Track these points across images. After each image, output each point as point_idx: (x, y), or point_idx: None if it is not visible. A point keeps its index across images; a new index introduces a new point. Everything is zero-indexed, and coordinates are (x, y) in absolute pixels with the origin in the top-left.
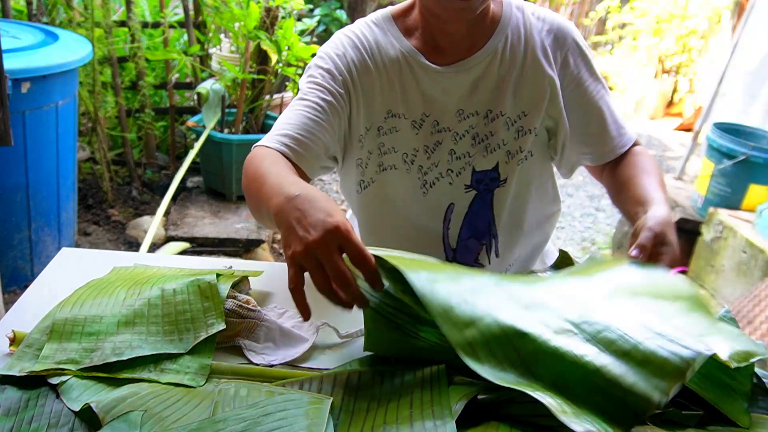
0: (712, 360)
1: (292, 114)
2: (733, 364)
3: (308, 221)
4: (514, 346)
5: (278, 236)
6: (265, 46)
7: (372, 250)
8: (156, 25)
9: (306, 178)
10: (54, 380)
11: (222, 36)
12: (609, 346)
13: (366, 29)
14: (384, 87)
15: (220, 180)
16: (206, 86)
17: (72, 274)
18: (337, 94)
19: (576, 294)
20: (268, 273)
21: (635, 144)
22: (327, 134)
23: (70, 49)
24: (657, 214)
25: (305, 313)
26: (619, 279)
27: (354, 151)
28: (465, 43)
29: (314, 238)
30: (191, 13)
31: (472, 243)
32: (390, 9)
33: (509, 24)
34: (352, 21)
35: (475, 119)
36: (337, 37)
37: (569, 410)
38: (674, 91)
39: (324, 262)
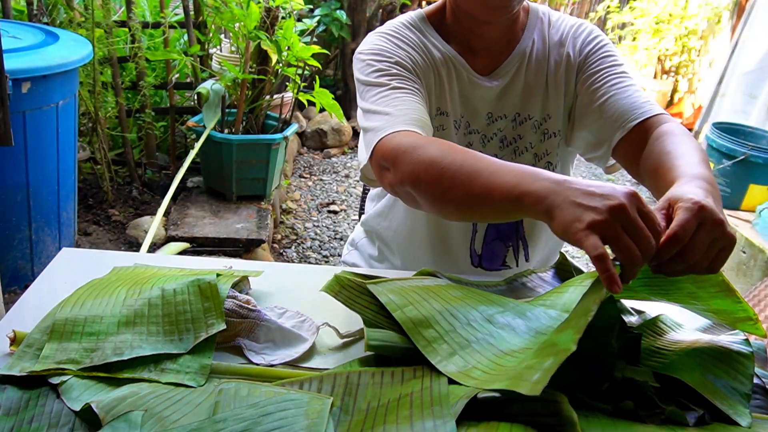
0: (714, 359)
1: (401, 102)
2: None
3: (601, 192)
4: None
5: (278, 236)
6: (265, 46)
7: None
8: (156, 25)
9: None
10: (54, 380)
11: (222, 36)
12: None
13: (406, 30)
14: (436, 85)
15: (220, 180)
16: (206, 86)
17: (72, 274)
18: (418, 82)
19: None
20: (268, 273)
21: (661, 118)
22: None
23: (71, 49)
24: (685, 188)
25: (615, 282)
26: None
27: None
28: (497, 47)
29: (618, 203)
30: (191, 13)
31: (498, 245)
32: (423, 11)
33: (535, 29)
34: (353, 21)
35: (504, 122)
36: (380, 37)
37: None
38: (674, 91)
39: (628, 226)
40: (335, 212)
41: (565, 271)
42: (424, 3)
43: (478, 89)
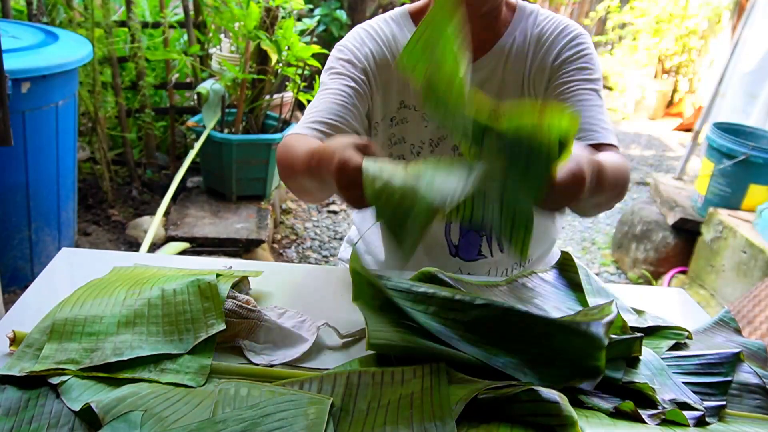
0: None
1: (319, 102)
2: None
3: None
4: None
5: (278, 236)
6: (265, 46)
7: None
8: (156, 25)
9: None
10: (54, 380)
11: (222, 36)
12: None
13: (383, 24)
14: (399, 79)
15: (220, 180)
16: (206, 86)
17: (72, 274)
18: (359, 80)
19: None
20: (268, 273)
21: (608, 148)
22: (353, 117)
23: (70, 49)
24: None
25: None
26: None
27: (371, 139)
28: (476, 43)
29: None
30: (191, 13)
31: (472, 236)
32: (407, 6)
33: (518, 27)
34: (352, 21)
35: None
36: (355, 30)
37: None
38: (674, 91)
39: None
40: (335, 212)
41: (568, 272)
42: None
43: None
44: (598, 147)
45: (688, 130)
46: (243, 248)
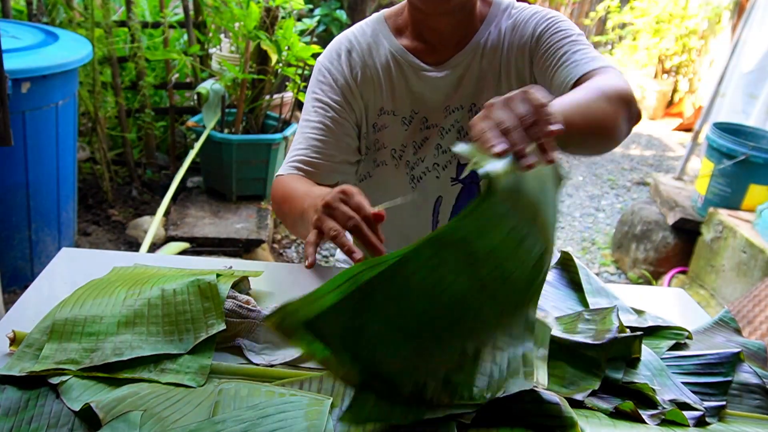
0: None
1: (301, 138)
2: None
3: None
4: None
5: (278, 236)
6: (265, 46)
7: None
8: (156, 25)
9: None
10: (54, 380)
11: (222, 36)
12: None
13: (359, 33)
14: (376, 86)
15: (220, 180)
16: (206, 86)
17: (72, 274)
18: (338, 105)
19: None
20: (268, 273)
21: (598, 71)
22: (335, 148)
23: (70, 49)
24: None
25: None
26: None
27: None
28: (451, 39)
29: (322, 202)
30: (191, 13)
31: None
32: (383, 11)
33: (494, 21)
34: (352, 21)
35: (460, 113)
36: (332, 46)
37: None
38: (674, 91)
39: (331, 211)
40: None
41: (568, 271)
42: None
43: (428, 82)
44: (587, 74)
45: (688, 130)
46: (243, 248)
